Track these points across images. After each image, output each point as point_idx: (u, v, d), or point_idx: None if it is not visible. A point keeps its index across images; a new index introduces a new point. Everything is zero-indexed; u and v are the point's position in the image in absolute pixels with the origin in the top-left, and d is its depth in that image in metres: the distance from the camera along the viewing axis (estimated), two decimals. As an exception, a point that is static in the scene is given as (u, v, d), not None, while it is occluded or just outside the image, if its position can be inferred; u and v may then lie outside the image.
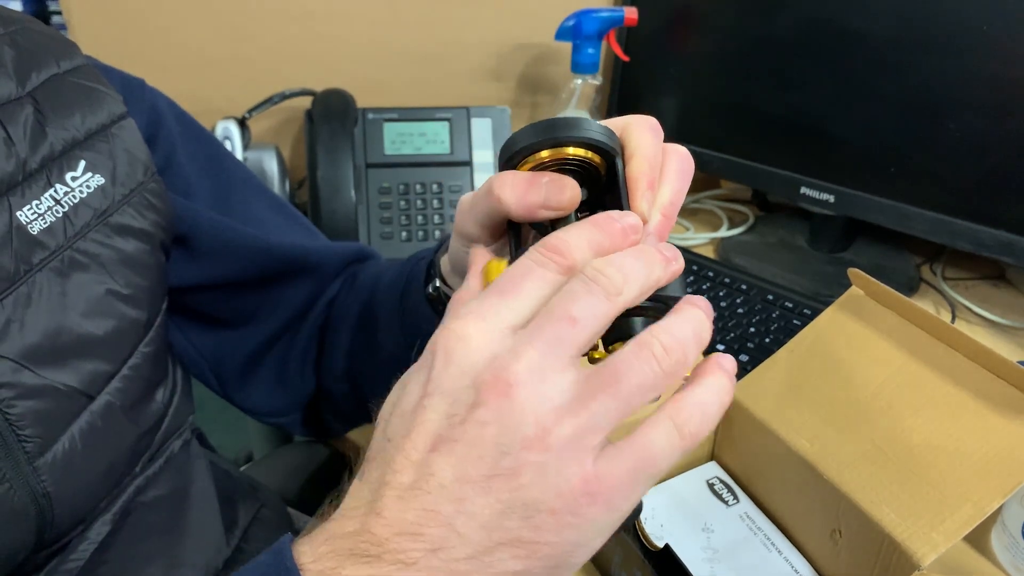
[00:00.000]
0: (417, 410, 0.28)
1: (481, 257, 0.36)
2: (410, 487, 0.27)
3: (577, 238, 0.29)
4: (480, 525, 0.26)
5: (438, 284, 0.48)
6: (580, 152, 0.34)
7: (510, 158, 0.34)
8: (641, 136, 0.35)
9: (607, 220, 0.31)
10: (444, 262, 0.47)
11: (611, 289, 0.28)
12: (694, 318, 0.29)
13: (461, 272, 0.43)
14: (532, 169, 0.35)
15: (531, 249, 0.29)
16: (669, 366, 0.28)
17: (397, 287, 0.53)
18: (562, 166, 0.35)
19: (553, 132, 0.33)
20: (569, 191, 0.34)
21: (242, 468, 0.69)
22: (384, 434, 0.29)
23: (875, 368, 0.53)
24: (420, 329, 0.50)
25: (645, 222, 0.33)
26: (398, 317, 0.52)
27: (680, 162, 0.36)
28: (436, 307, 0.49)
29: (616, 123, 0.36)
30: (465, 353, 0.27)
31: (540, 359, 0.27)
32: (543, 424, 0.26)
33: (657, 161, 0.35)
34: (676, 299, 0.31)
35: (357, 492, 0.29)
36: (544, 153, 0.34)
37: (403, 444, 0.27)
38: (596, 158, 0.35)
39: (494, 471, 0.26)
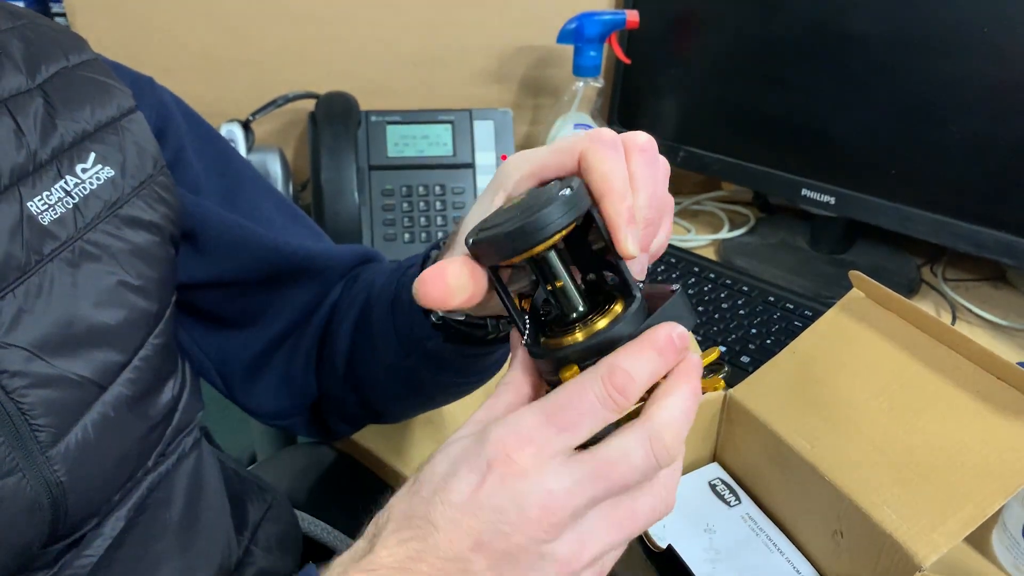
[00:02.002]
0: (465, 509, 0.30)
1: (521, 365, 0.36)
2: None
3: (642, 372, 0.31)
4: None
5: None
6: (550, 244, 0.33)
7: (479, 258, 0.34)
8: (601, 163, 0.34)
9: (668, 346, 0.32)
10: None
11: (665, 462, 0.31)
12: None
13: None
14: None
15: (595, 377, 0.31)
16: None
17: (386, 298, 0.54)
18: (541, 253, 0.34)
19: (515, 244, 0.32)
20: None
21: (248, 468, 0.69)
22: (426, 509, 0.31)
23: (876, 370, 0.54)
24: (414, 336, 0.50)
25: (632, 257, 0.33)
26: (392, 329, 0.52)
27: (644, 160, 0.36)
28: (429, 316, 0.49)
29: (570, 149, 0.35)
30: (520, 485, 0.30)
31: (583, 508, 0.30)
32: (569, 566, 0.31)
33: (625, 182, 0.34)
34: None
35: (391, 549, 0.31)
36: (516, 259, 0.33)
37: (447, 534, 0.30)
38: (568, 231, 0.34)
39: None
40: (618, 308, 0.33)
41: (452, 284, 0.34)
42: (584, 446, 0.31)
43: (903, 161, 0.83)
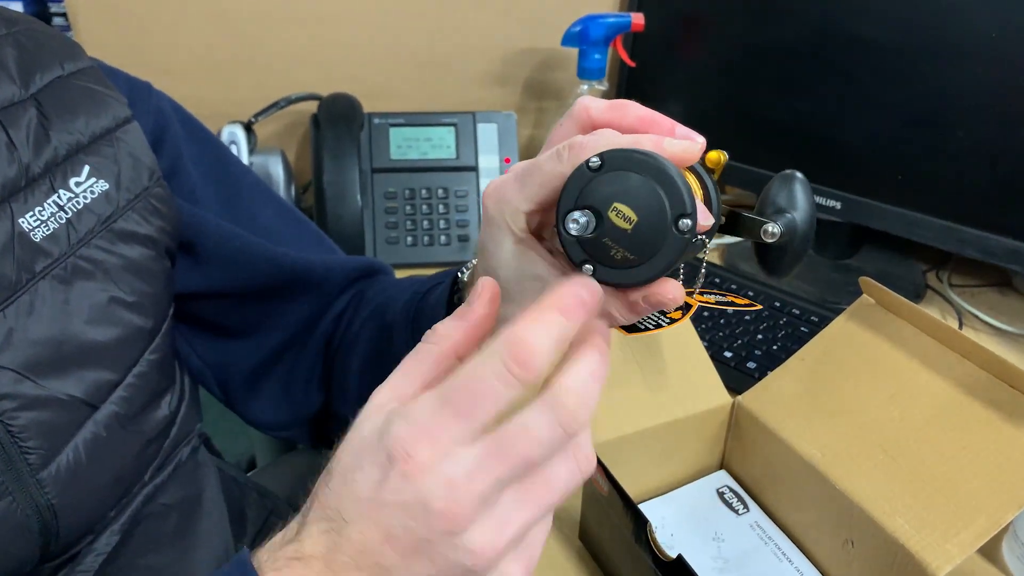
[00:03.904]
0: (371, 505, 0.29)
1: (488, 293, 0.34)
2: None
3: (544, 341, 0.28)
4: None
5: None
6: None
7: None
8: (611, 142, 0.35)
9: (576, 307, 0.29)
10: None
11: (571, 430, 0.29)
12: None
13: None
14: None
15: (491, 352, 0.28)
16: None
17: (407, 320, 0.52)
18: None
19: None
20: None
21: (248, 475, 0.68)
22: (336, 502, 0.30)
23: (886, 377, 0.53)
24: None
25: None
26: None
27: (610, 115, 0.37)
28: None
29: (557, 173, 0.35)
30: (420, 481, 0.28)
31: (490, 492, 0.29)
32: (484, 554, 0.29)
33: (632, 140, 0.35)
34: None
35: (314, 539, 0.31)
36: None
37: (357, 526, 0.30)
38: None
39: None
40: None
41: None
42: None
43: (910, 166, 0.82)
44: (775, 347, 0.76)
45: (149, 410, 0.48)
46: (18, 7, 1.32)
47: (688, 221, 0.32)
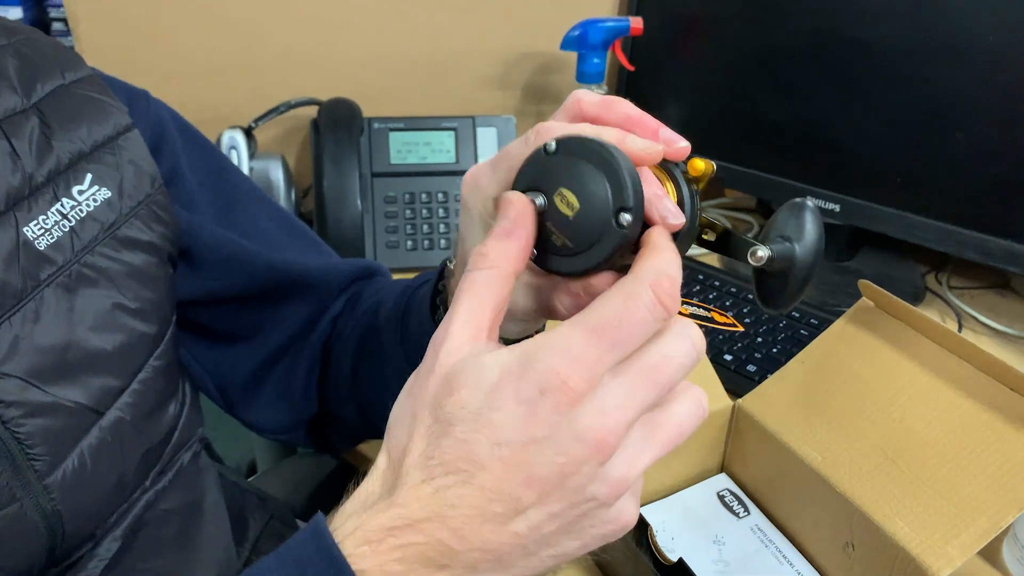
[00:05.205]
0: (516, 444, 0.28)
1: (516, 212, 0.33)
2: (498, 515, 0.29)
3: (678, 273, 0.30)
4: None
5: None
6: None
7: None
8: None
9: (675, 257, 0.31)
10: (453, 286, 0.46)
11: (699, 356, 0.30)
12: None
13: None
14: None
15: (643, 287, 0.29)
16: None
17: (396, 316, 0.52)
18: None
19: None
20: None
21: (249, 479, 0.68)
22: (467, 450, 0.29)
23: (886, 380, 0.53)
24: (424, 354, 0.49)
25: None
26: (400, 347, 0.52)
27: (596, 109, 0.37)
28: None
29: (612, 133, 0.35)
30: (576, 411, 0.28)
31: (634, 421, 0.29)
32: (618, 486, 0.30)
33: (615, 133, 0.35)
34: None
35: (423, 501, 0.29)
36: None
37: (495, 472, 0.29)
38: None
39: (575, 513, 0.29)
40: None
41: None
42: None
43: (908, 169, 0.83)
44: (775, 350, 0.76)
45: (154, 416, 0.48)
46: (17, 12, 1.33)
47: (628, 216, 0.31)
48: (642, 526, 0.51)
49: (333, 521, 0.30)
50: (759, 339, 0.78)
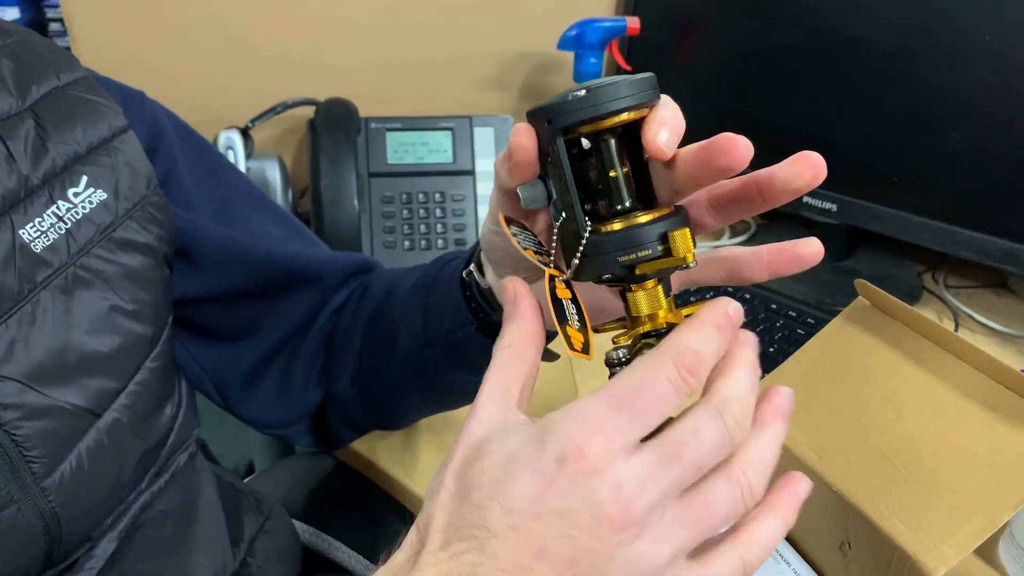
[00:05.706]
0: (529, 513, 0.28)
1: (523, 298, 0.34)
2: None
3: (709, 352, 0.29)
4: None
5: (472, 269, 0.47)
6: (622, 119, 0.35)
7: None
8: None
9: (727, 323, 0.31)
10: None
11: (738, 436, 0.29)
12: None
13: (492, 258, 0.43)
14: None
15: (665, 360, 0.29)
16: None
17: (423, 285, 0.52)
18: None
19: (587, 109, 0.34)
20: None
21: (245, 480, 0.68)
22: (480, 516, 0.28)
23: (883, 379, 0.53)
24: (442, 329, 0.50)
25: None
26: (421, 312, 0.51)
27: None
28: (465, 292, 0.48)
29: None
30: (592, 482, 0.27)
31: (659, 499, 0.28)
32: (646, 570, 0.28)
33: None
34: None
35: (440, 567, 0.28)
36: (585, 128, 0.34)
37: (507, 541, 0.28)
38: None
39: None
40: (662, 212, 0.35)
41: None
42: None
43: (905, 168, 0.83)
44: (771, 349, 0.76)
45: (151, 417, 0.48)
46: (14, 12, 1.33)
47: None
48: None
49: None
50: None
